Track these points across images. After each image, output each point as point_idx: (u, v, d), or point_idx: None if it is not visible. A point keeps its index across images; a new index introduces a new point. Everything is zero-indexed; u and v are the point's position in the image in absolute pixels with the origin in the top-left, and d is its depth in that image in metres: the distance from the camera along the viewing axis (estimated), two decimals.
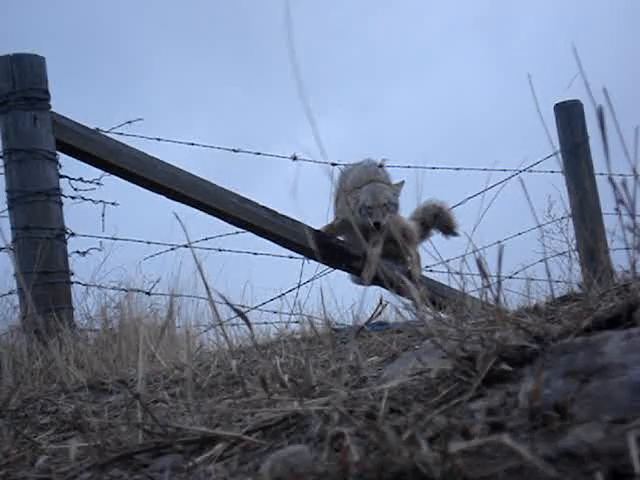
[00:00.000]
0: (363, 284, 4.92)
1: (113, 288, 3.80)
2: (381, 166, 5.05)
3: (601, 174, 5.31)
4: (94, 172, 4.31)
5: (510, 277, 4.75)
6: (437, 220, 5.54)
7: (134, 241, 4.48)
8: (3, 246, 3.85)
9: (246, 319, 1.48)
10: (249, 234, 4.76)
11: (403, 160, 5.23)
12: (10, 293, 3.81)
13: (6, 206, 3.78)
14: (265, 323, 3.93)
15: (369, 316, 2.84)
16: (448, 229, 5.59)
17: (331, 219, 5.11)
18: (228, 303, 1.43)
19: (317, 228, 4.97)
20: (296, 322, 3.75)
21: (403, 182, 4.94)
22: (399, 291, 1.56)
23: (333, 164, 5.07)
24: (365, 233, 4.83)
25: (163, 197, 4.45)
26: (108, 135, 4.27)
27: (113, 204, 4.33)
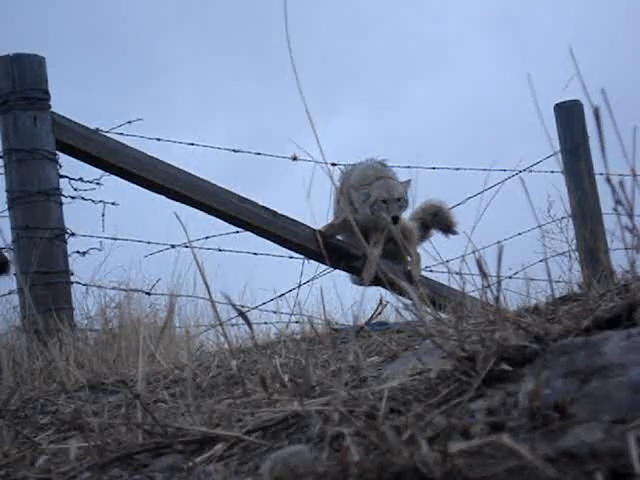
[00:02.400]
0: (363, 284, 4.91)
1: (113, 288, 3.80)
2: (383, 164, 5.04)
3: (600, 174, 5.31)
4: (94, 172, 4.32)
5: (510, 277, 4.75)
6: (436, 219, 5.55)
7: (134, 241, 4.48)
8: (3, 246, 3.85)
9: (247, 319, 1.48)
10: (249, 234, 4.76)
11: (421, 158, 5.23)
12: (10, 293, 3.82)
13: (6, 206, 3.78)
14: (265, 323, 3.93)
15: (369, 316, 2.84)
16: (447, 228, 5.59)
17: (331, 219, 5.10)
18: (231, 304, 1.43)
19: (317, 228, 4.96)
20: (296, 322, 3.75)
21: (410, 181, 4.92)
22: (400, 291, 1.56)
23: (333, 164, 5.07)
24: (366, 233, 4.83)
25: (163, 197, 4.45)
26: (108, 135, 4.27)
27: (113, 204, 4.33)
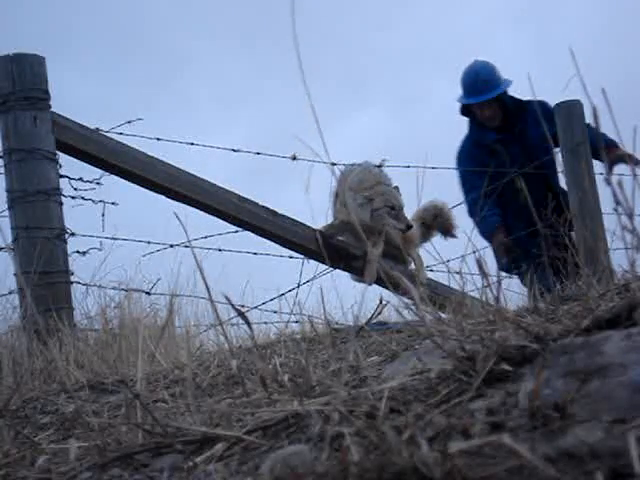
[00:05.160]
0: (363, 282, 4.90)
1: (113, 288, 3.80)
2: (380, 166, 5.02)
3: (600, 174, 5.31)
4: (94, 172, 4.32)
5: (510, 277, 4.75)
6: (436, 221, 5.54)
7: (134, 241, 4.48)
8: (3, 246, 3.85)
9: (246, 319, 1.48)
10: (249, 234, 4.76)
11: (435, 158, 5.23)
12: (10, 293, 3.81)
13: (6, 206, 3.78)
14: (265, 323, 3.93)
15: (369, 316, 2.84)
16: (447, 231, 5.58)
17: (331, 219, 5.10)
18: (231, 304, 1.43)
19: (317, 228, 4.96)
20: (296, 322, 3.75)
21: (397, 187, 4.87)
22: (399, 290, 1.56)
23: (333, 164, 5.06)
24: (365, 234, 4.80)
25: (163, 197, 4.45)
26: (108, 135, 4.27)
27: (113, 204, 4.33)
